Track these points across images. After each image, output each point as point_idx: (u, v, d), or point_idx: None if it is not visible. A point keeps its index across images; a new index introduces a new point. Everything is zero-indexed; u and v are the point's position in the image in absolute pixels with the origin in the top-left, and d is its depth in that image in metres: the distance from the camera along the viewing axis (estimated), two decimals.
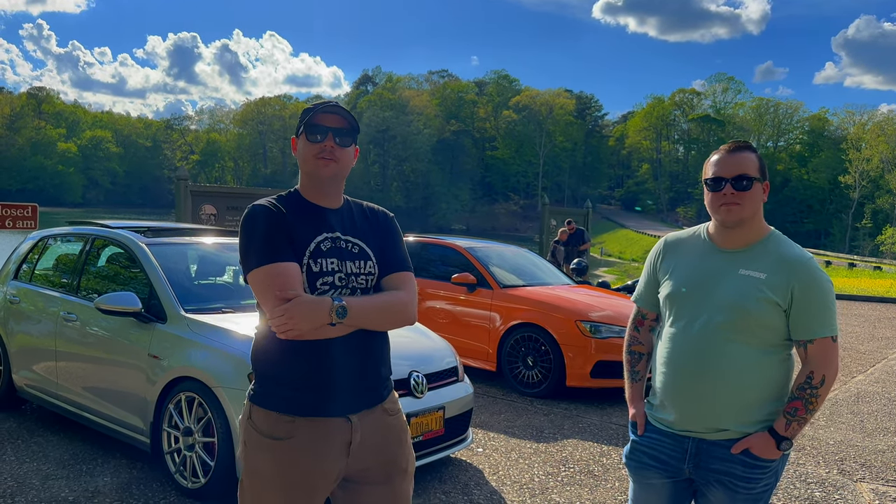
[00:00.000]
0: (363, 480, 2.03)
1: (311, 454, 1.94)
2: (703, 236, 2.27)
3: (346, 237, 2.03)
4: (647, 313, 2.42)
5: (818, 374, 2.09)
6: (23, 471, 4.37)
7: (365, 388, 2.02)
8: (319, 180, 2.01)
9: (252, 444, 1.98)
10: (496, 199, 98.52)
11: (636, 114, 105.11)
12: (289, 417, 1.94)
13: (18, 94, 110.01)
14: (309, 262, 1.94)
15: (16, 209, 8.29)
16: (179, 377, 4.05)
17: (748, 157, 2.14)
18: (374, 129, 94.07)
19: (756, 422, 2.14)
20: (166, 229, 5.32)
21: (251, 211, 1.97)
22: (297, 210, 2.00)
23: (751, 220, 2.15)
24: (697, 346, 2.14)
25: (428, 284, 7.89)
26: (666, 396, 2.23)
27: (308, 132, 2.00)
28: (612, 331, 6.66)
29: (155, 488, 4.15)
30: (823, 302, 2.09)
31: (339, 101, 2.54)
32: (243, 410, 2.05)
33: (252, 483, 1.99)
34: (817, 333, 2.09)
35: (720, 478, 2.15)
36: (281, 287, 1.85)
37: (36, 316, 5.32)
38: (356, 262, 2.01)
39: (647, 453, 2.29)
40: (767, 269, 2.11)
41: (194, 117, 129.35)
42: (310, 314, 1.85)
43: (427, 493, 4.26)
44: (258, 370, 2.02)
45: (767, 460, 2.12)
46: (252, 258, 1.92)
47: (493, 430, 5.60)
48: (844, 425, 6.24)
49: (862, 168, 77.31)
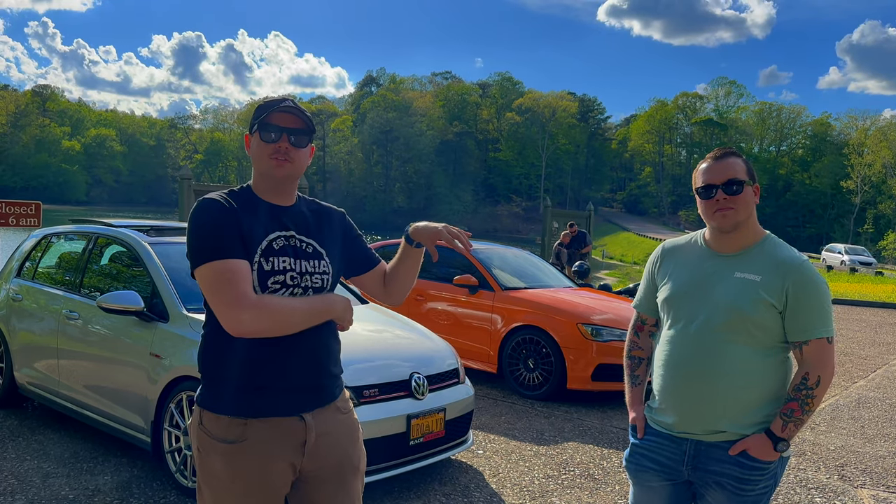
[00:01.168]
0: (317, 479, 2.01)
1: (267, 455, 1.91)
2: (700, 242, 2.30)
3: (300, 236, 1.99)
4: (647, 318, 2.46)
5: (814, 375, 2.10)
6: (23, 468, 4.38)
7: (317, 386, 2.00)
8: (273, 179, 1.97)
9: (205, 450, 1.94)
10: (498, 201, 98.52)
11: (639, 117, 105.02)
12: (241, 420, 1.90)
13: (23, 91, 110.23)
14: (260, 260, 1.90)
15: (19, 207, 8.31)
16: (181, 376, 4.06)
17: (735, 161, 2.18)
18: (377, 130, 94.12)
19: (754, 423, 2.15)
20: (169, 228, 5.32)
21: (202, 204, 1.91)
22: (248, 206, 1.95)
23: (745, 223, 2.18)
24: (695, 349, 2.17)
25: (429, 286, 7.90)
26: (664, 399, 2.25)
27: (262, 131, 1.94)
28: (614, 334, 6.65)
29: (155, 487, 4.16)
30: (818, 303, 2.11)
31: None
32: (193, 416, 2.01)
33: (209, 488, 1.96)
34: (812, 335, 2.10)
35: (719, 479, 2.16)
36: (232, 285, 1.81)
37: (38, 314, 5.33)
38: (310, 262, 1.98)
39: (646, 456, 2.31)
40: (762, 272, 2.13)
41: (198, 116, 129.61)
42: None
43: (427, 495, 4.26)
44: (206, 373, 1.97)
45: (765, 462, 2.13)
46: (201, 253, 1.86)
47: (494, 433, 5.60)
48: (845, 431, 6.23)
49: (864, 173, 77.19)
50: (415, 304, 7.82)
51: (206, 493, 1.98)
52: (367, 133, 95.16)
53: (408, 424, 4.09)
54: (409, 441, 4.10)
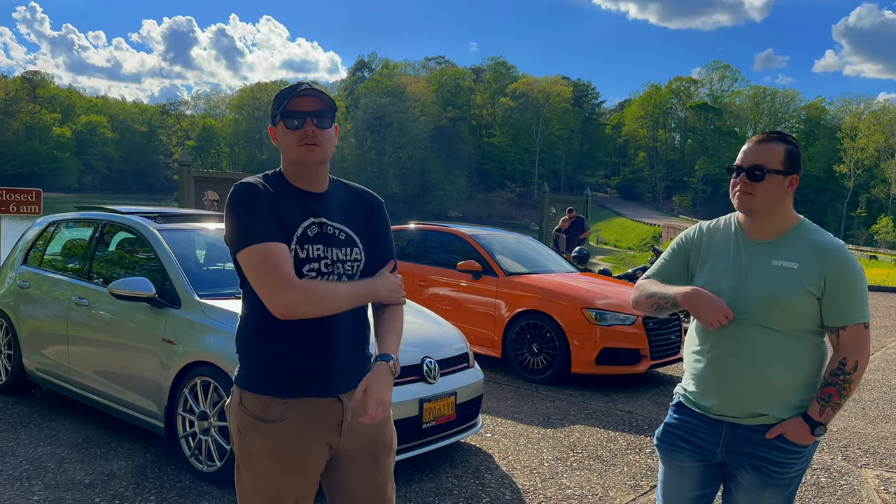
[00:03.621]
0: (352, 458, 2.05)
1: (306, 434, 1.96)
2: (734, 226, 2.29)
3: (332, 223, 2.00)
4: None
5: (851, 360, 2.12)
6: (37, 454, 4.40)
7: (353, 368, 2.04)
8: (306, 167, 1.97)
9: (245, 429, 1.98)
10: (492, 187, 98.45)
11: (633, 102, 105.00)
12: (281, 400, 1.94)
13: (13, 77, 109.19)
14: (296, 247, 1.92)
15: (20, 194, 8.28)
16: (194, 362, 4.08)
17: (773, 147, 2.15)
18: (370, 116, 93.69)
19: (791, 407, 2.17)
20: (176, 215, 5.32)
21: (242, 188, 1.92)
22: (283, 193, 1.96)
23: (767, 210, 2.17)
24: (733, 335, 2.17)
25: (432, 271, 7.93)
26: (702, 384, 2.26)
27: (286, 119, 1.95)
28: (617, 318, 6.70)
29: (170, 472, 4.19)
30: (855, 289, 2.12)
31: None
32: (232, 396, 2.04)
33: (249, 468, 1.99)
34: (850, 320, 2.12)
35: (754, 462, 2.19)
36: (276, 268, 1.83)
37: (46, 301, 5.33)
38: (342, 249, 2.00)
39: (679, 436, 2.32)
40: (799, 259, 2.13)
41: (190, 102, 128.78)
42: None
43: (439, 476, 4.31)
44: (245, 354, 2.00)
45: (801, 445, 2.16)
46: (243, 237, 1.87)
47: (501, 416, 5.65)
48: (847, 412, 6.31)
49: (857, 157, 77.49)
50: (417, 290, 7.85)
51: (245, 472, 2.01)
52: (360, 119, 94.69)
53: (420, 408, 4.13)
54: (421, 424, 4.14)
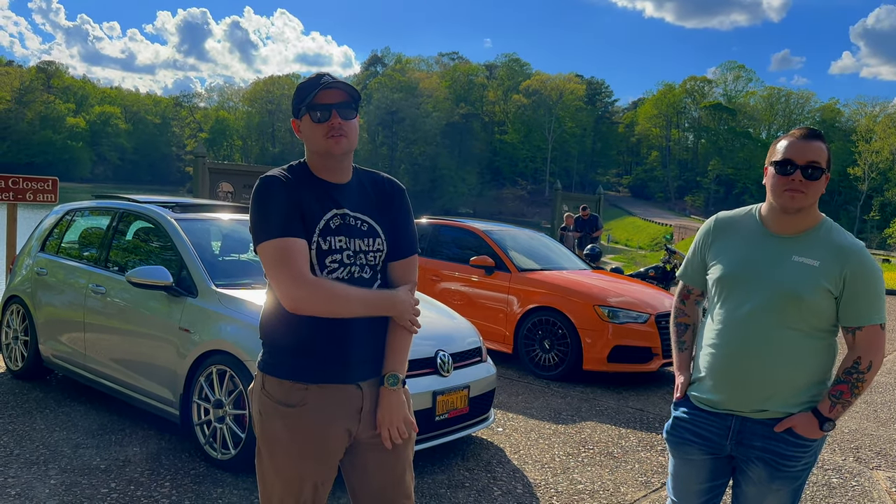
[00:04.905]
0: (370, 445, 2.07)
1: (325, 420, 1.99)
2: (756, 218, 2.27)
3: (354, 213, 2.02)
4: (693, 289, 2.49)
5: (866, 360, 2.14)
6: (53, 439, 4.45)
7: (373, 357, 2.06)
8: (332, 158, 2.00)
9: (267, 413, 2.01)
10: (504, 184, 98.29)
11: (647, 101, 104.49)
12: (302, 385, 1.97)
13: (28, 67, 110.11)
14: (318, 239, 1.95)
15: (37, 182, 8.34)
16: (210, 350, 4.11)
17: (820, 146, 2.13)
18: (383, 111, 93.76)
19: (801, 403, 2.18)
20: (193, 205, 5.36)
21: (264, 181, 1.96)
22: (306, 185, 1.99)
23: (808, 208, 2.16)
24: (747, 330, 2.17)
25: (444, 266, 7.95)
26: (713, 377, 2.27)
27: (311, 112, 1.97)
28: (630, 316, 6.70)
29: (184, 458, 4.23)
30: (874, 290, 2.13)
31: (350, 82, 2.48)
32: (255, 381, 2.08)
33: (270, 451, 2.03)
34: (866, 321, 2.13)
35: (762, 455, 2.20)
36: (289, 263, 1.87)
37: (63, 288, 5.38)
38: (365, 240, 2.02)
39: (689, 430, 2.34)
40: (821, 257, 2.13)
41: (203, 95, 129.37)
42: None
43: (451, 469, 4.33)
44: (269, 340, 2.04)
45: (810, 440, 2.17)
46: (262, 231, 1.91)
47: (512, 411, 5.67)
48: (858, 414, 6.29)
49: (871, 160, 76.91)
50: (429, 285, 7.86)
51: (266, 455, 2.05)
52: (372, 113, 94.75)
53: (433, 401, 4.15)
54: (434, 417, 4.16)
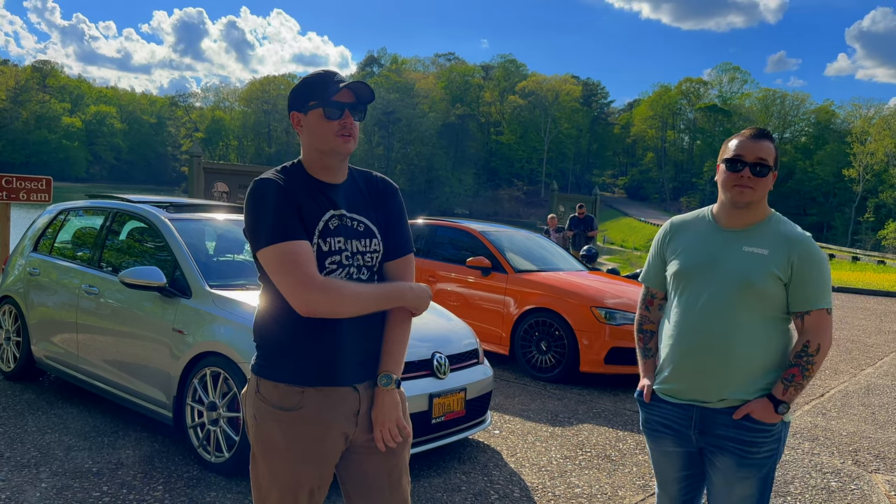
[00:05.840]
0: (367, 448, 2.05)
1: (322, 423, 1.96)
2: (708, 217, 2.40)
3: (351, 214, 2.00)
4: (656, 293, 2.56)
5: (814, 343, 2.23)
6: (45, 441, 4.40)
7: (369, 358, 2.03)
8: (338, 157, 1.97)
9: (262, 417, 1.98)
10: (500, 185, 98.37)
11: (642, 102, 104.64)
12: (298, 388, 1.95)
13: (23, 66, 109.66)
14: (318, 241, 1.93)
15: (30, 182, 8.28)
16: (204, 352, 4.06)
17: (768, 145, 2.26)
18: (379, 112, 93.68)
19: (758, 390, 2.27)
20: (187, 205, 5.31)
21: (260, 185, 1.91)
22: (303, 186, 1.96)
23: (757, 203, 2.29)
24: (703, 320, 2.27)
25: (440, 267, 7.91)
26: (672, 368, 2.36)
27: (325, 108, 1.94)
28: (627, 318, 6.67)
29: (177, 461, 4.18)
30: (820, 276, 2.24)
31: None
32: (249, 384, 2.05)
33: (265, 456, 2.00)
34: (814, 305, 2.23)
35: (724, 443, 2.29)
36: (298, 267, 1.84)
37: (56, 288, 5.32)
38: (362, 241, 2.00)
39: (658, 422, 2.45)
40: (769, 246, 2.25)
41: (199, 94, 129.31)
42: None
43: (447, 472, 4.28)
44: (263, 343, 2.01)
45: (769, 424, 2.25)
46: (264, 235, 1.88)
47: (509, 413, 5.63)
48: (856, 417, 6.26)
49: (866, 162, 77.13)
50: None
51: (261, 461, 2.01)
52: (369, 114, 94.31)
53: (430, 403, 4.11)
54: (430, 419, 4.12)
